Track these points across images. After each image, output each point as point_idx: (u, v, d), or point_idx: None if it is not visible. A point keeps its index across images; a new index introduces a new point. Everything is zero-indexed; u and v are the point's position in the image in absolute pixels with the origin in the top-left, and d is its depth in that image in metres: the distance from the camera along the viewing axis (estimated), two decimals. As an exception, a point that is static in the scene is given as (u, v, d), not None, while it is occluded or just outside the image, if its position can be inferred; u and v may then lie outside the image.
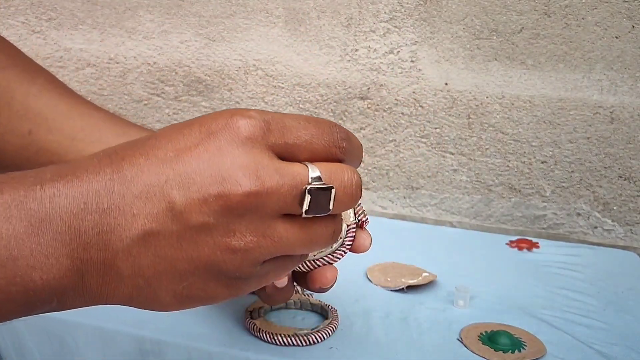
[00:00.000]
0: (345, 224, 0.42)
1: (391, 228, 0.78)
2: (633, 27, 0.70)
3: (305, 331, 0.50)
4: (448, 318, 0.56)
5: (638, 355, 0.51)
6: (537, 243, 0.73)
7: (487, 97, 0.76)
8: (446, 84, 0.77)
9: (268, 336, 0.50)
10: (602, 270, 0.67)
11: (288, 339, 0.49)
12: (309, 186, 0.30)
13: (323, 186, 0.30)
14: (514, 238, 0.75)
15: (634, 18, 0.70)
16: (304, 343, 0.50)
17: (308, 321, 0.54)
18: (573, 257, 0.70)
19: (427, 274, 0.62)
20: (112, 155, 0.30)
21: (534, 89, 0.75)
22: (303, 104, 0.82)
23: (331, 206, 0.31)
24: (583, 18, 0.71)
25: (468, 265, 0.67)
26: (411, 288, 0.60)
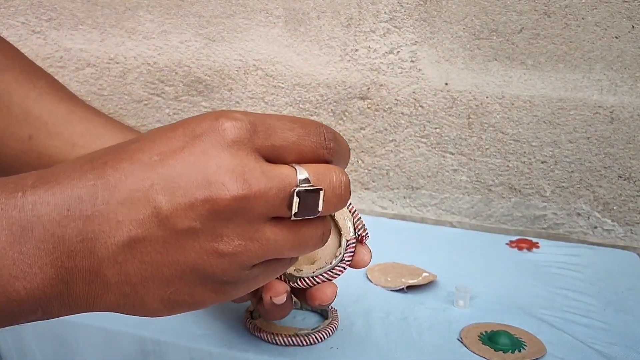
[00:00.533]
0: (344, 239, 0.41)
1: (391, 228, 0.78)
2: (633, 27, 0.70)
3: (305, 331, 0.50)
4: (448, 318, 0.56)
5: (638, 355, 0.51)
6: (537, 243, 0.73)
7: (487, 97, 0.76)
8: (446, 84, 0.77)
9: (268, 336, 0.50)
10: (602, 270, 0.67)
11: (288, 339, 0.49)
12: (298, 188, 0.29)
13: (312, 188, 0.30)
14: (514, 238, 0.75)
15: (634, 18, 0.70)
16: (305, 343, 0.50)
17: (308, 321, 0.54)
18: (573, 257, 0.70)
19: (427, 274, 0.62)
20: (95, 160, 0.29)
21: (534, 89, 0.75)
22: (303, 104, 0.82)
23: (320, 208, 0.31)
24: (583, 18, 0.71)
25: (468, 265, 0.67)
26: (411, 288, 0.60)
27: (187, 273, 0.29)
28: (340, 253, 0.41)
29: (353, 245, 0.41)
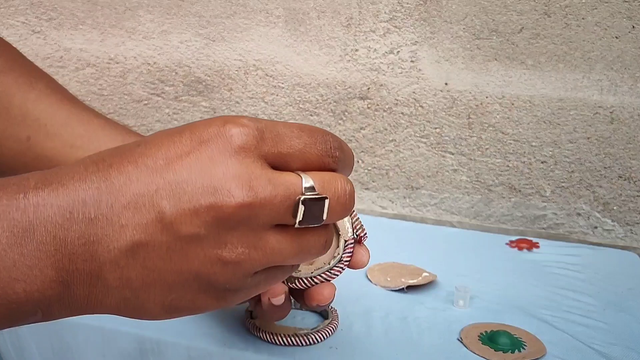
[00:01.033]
0: (343, 240, 0.41)
1: (391, 228, 0.78)
2: (633, 27, 0.70)
3: (305, 331, 0.50)
4: (448, 318, 0.56)
5: (638, 355, 0.51)
6: (537, 243, 0.73)
7: (487, 97, 0.76)
8: (446, 84, 0.77)
9: (268, 336, 0.50)
10: (602, 270, 0.67)
11: (288, 339, 0.49)
12: (303, 196, 0.29)
13: (317, 196, 0.30)
14: (514, 238, 0.75)
15: (634, 18, 0.70)
16: (304, 343, 0.50)
17: (308, 321, 0.54)
18: (573, 257, 0.70)
19: (427, 274, 0.62)
20: (99, 162, 0.29)
21: (534, 89, 0.75)
22: (303, 104, 0.82)
23: (325, 216, 0.30)
24: (583, 18, 0.71)
25: (468, 265, 0.67)
26: (411, 288, 0.60)
27: (190, 280, 0.29)
28: (338, 254, 0.41)
29: (351, 246, 0.41)
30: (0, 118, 0.49)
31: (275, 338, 0.50)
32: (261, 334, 0.50)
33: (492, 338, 0.51)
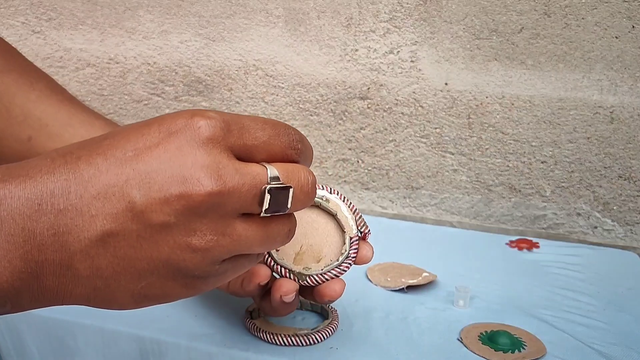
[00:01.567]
0: (348, 237, 0.43)
1: (391, 228, 0.78)
2: (633, 27, 0.70)
3: (305, 331, 0.50)
4: (448, 318, 0.56)
5: (638, 355, 0.51)
6: (537, 243, 0.73)
7: (487, 97, 0.76)
8: (446, 84, 0.77)
9: (268, 336, 0.50)
10: (602, 270, 0.67)
11: (288, 339, 0.49)
12: (269, 186, 0.30)
13: (282, 185, 0.31)
14: (514, 238, 0.75)
15: (634, 18, 0.70)
16: (304, 343, 0.50)
17: (308, 321, 0.54)
18: (573, 257, 0.70)
19: (427, 274, 0.62)
20: (67, 155, 0.29)
21: (534, 89, 0.75)
22: (303, 104, 0.82)
23: (289, 205, 0.32)
24: (583, 18, 0.71)
25: (468, 265, 0.67)
26: (411, 288, 0.60)
27: (160, 267, 0.29)
28: (345, 250, 0.43)
29: (357, 242, 0.43)
30: (1, 118, 0.49)
31: (275, 338, 0.50)
32: (261, 334, 0.50)
33: (492, 338, 0.51)
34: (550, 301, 0.60)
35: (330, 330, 0.51)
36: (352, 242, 0.42)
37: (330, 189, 0.45)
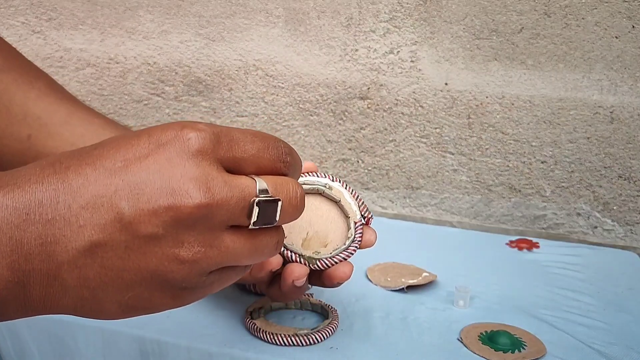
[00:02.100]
0: (353, 222, 0.45)
1: (391, 228, 0.78)
2: (633, 27, 0.70)
3: (305, 331, 0.50)
4: (448, 318, 0.56)
5: (638, 355, 0.51)
6: (537, 243, 0.73)
7: (487, 97, 0.76)
8: (446, 84, 0.77)
9: (268, 336, 0.50)
10: (602, 270, 0.67)
11: (288, 339, 0.49)
12: (257, 198, 0.30)
13: (270, 198, 0.31)
14: (514, 238, 0.75)
15: (634, 18, 0.70)
16: (304, 343, 0.50)
17: (308, 321, 0.54)
18: (573, 257, 0.70)
19: (427, 274, 0.62)
20: (56, 164, 0.29)
21: (534, 89, 0.75)
22: (303, 104, 0.82)
23: (277, 218, 0.32)
24: (583, 18, 0.71)
25: (468, 265, 0.67)
26: (411, 288, 0.60)
27: (147, 278, 0.29)
28: (351, 234, 0.44)
29: (361, 227, 0.44)
30: (0, 117, 0.49)
31: (275, 338, 0.50)
32: (261, 334, 0.50)
33: (492, 338, 0.51)
34: (550, 301, 0.60)
35: (330, 330, 0.51)
36: (357, 227, 0.44)
37: (332, 177, 0.46)
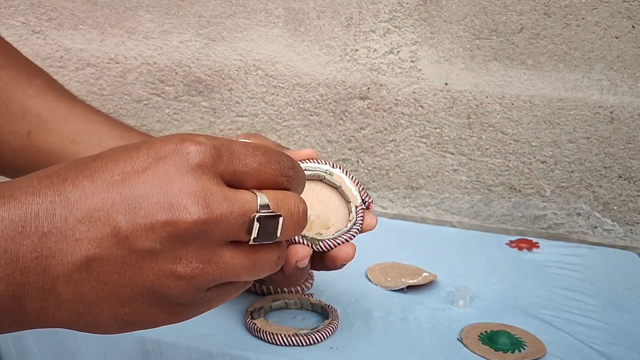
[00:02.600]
0: (354, 205, 0.46)
1: (391, 228, 0.78)
2: (633, 27, 0.70)
3: (305, 331, 0.50)
4: (448, 318, 0.56)
5: (638, 355, 0.51)
6: (537, 243, 0.73)
7: (487, 97, 0.76)
8: (446, 84, 0.77)
9: (268, 336, 0.50)
10: (602, 270, 0.67)
11: (288, 339, 0.49)
12: (258, 214, 0.30)
13: (271, 214, 0.30)
14: (514, 238, 0.75)
15: (634, 18, 0.70)
16: (304, 343, 0.50)
17: (308, 321, 0.54)
18: (573, 257, 0.70)
19: (427, 274, 0.62)
20: (54, 176, 0.29)
21: (534, 89, 0.75)
22: (303, 104, 0.82)
23: (278, 234, 0.31)
24: (583, 18, 0.71)
25: (468, 265, 0.67)
26: (411, 288, 0.60)
27: (144, 294, 0.29)
28: (353, 217, 0.45)
29: (362, 210, 0.45)
30: (0, 113, 0.49)
31: (275, 338, 0.50)
32: (261, 334, 0.50)
33: (492, 338, 0.51)
34: (550, 301, 0.60)
35: (330, 330, 0.51)
36: (358, 211, 0.45)
37: (332, 164, 0.47)
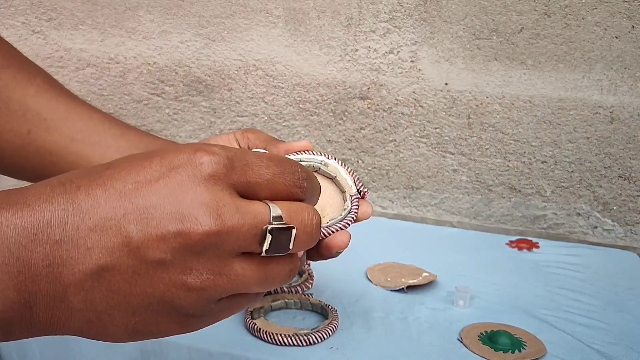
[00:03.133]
0: (349, 195, 0.46)
1: (391, 228, 0.78)
2: (633, 27, 0.70)
3: (305, 331, 0.50)
4: (448, 318, 0.56)
5: (638, 355, 0.51)
6: (537, 243, 0.73)
7: (487, 97, 0.76)
8: (446, 84, 0.77)
9: (268, 336, 0.50)
10: (602, 270, 0.67)
11: (288, 339, 0.49)
12: (270, 226, 0.29)
13: (284, 226, 0.30)
14: (514, 238, 0.75)
15: (634, 18, 0.70)
16: (304, 343, 0.50)
17: (308, 321, 0.54)
18: (573, 257, 0.70)
19: (427, 274, 0.62)
20: (67, 183, 0.29)
21: (534, 89, 0.75)
22: (303, 104, 0.82)
23: (291, 246, 0.31)
24: (583, 18, 0.71)
25: (468, 265, 0.67)
26: (411, 288, 0.60)
27: (154, 304, 0.29)
28: (348, 206, 0.45)
29: (357, 200, 0.45)
30: (0, 112, 0.49)
31: (275, 338, 0.50)
32: (261, 334, 0.50)
33: (492, 338, 0.51)
34: (550, 301, 0.60)
35: (330, 330, 0.51)
36: (353, 200, 0.45)
37: (328, 155, 0.47)
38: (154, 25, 0.84)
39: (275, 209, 0.30)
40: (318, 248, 0.45)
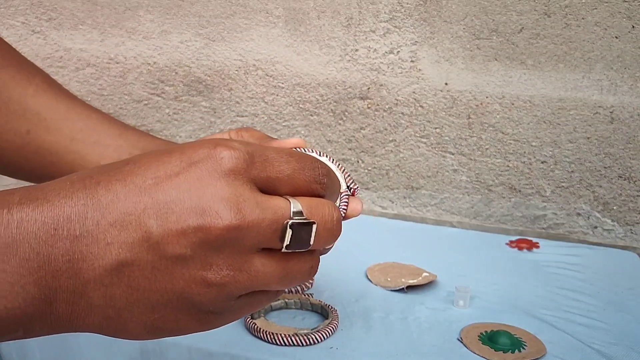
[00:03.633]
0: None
1: (391, 228, 0.78)
2: (633, 27, 0.70)
3: (305, 331, 0.50)
4: (448, 318, 0.56)
5: (638, 355, 0.51)
6: (537, 243, 0.73)
7: (487, 97, 0.76)
8: (446, 84, 0.77)
9: (268, 336, 0.50)
10: (602, 270, 0.67)
11: (288, 339, 0.49)
12: (291, 221, 0.29)
13: (305, 221, 0.30)
14: (514, 238, 0.75)
15: (634, 18, 0.70)
16: (304, 343, 0.50)
17: (308, 321, 0.54)
18: (573, 257, 0.70)
19: (427, 274, 0.62)
20: (86, 179, 0.29)
21: (534, 89, 0.75)
22: (303, 104, 0.82)
23: (312, 242, 0.30)
24: (583, 18, 0.71)
25: (468, 265, 0.67)
26: (411, 288, 0.60)
27: (174, 300, 0.29)
28: (337, 203, 0.44)
29: (347, 197, 0.44)
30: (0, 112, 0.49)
31: (275, 338, 0.50)
32: (261, 334, 0.50)
33: (492, 338, 0.51)
34: (550, 301, 0.60)
35: (330, 330, 0.51)
36: (342, 197, 0.44)
37: (319, 152, 0.47)
38: (154, 25, 0.84)
39: (295, 204, 0.30)
40: None
